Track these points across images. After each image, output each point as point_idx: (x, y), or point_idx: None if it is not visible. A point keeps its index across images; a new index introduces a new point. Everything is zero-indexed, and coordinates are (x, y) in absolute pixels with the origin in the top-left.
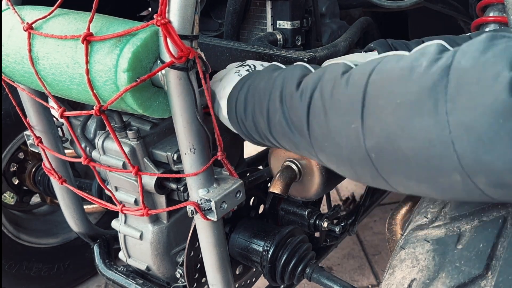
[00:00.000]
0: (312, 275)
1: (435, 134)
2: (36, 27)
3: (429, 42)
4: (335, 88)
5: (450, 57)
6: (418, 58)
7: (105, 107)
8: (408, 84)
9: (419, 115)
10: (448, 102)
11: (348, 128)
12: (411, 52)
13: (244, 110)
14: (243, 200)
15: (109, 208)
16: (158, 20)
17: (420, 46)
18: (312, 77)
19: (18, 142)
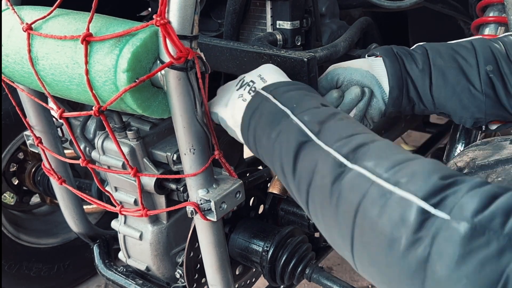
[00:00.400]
0: (312, 276)
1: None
2: (36, 28)
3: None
4: (326, 208)
5: (427, 247)
6: (398, 227)
7: (104, 107)
8: (388, 259)
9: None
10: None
11: (342, 250)
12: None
13: (257, 152)
14: (243, 200)
15: (108, 209)
16: (158, 20)
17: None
18: (306, 165)
19: (18, 142)
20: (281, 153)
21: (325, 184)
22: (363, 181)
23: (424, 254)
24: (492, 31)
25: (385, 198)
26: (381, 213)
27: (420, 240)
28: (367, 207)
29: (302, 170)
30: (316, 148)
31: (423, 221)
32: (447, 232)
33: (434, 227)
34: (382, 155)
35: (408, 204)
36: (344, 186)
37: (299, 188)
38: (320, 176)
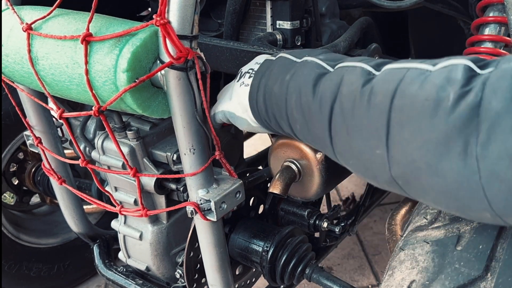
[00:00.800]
0: (312, 276)
1: (465, 177)
2: (36, 28)
3: (455, 61)
4: (356, 108)
5: (479, 92)
6: (444, 87)
7: (104, 107)
8: (434, 120)
9: (447, 156)
10: (479, 147)
11: (373, 153)
12: (434, 68)
13: (266, 112)
14: (243, 200)
15: (108, 209)
16: (158, 20)
17: (446, 63)
18: (329, 84)
19: (18, 142)
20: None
21: (354, 89)
22: (398, 71)
23: (476, 100)
24: (492, 31)
25: (426, 74)
26: (423, 83)
27: (469, 91)
28: (406, 87)
29: (325, 90)
30: (339, 69)
31: (471, 77)
32: (499, 72)
33: (483, 76)
34: (411, 60)
35: (453, 67)
36: (377, 82)
37: (320, 109)
38: (348, 85)
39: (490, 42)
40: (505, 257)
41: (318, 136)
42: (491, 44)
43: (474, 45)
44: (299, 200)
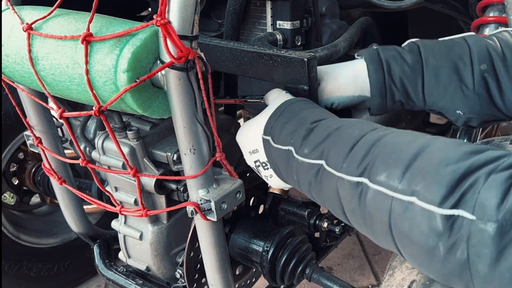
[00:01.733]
0: (312, 276)
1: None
2: (36, 28)
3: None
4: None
5: (464, 250)
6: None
7: (104, 107)
8: (433, 265)
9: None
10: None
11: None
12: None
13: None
14: (243, 200)
15: (108, 209)
16: (158, 20)
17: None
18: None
19: (18, 142)
20: (307, 190)
21: (354, 207)
22: (383, 199)
23: (463, 257)
24: (492, 31)
25: (409, 210)
26: (411, 226)
27: (455, 245)
28: (397, 223)
29: (330, 198)
30: (329, 176)
31: (451, 225)
32: (478, 235)
33: (464, 229)
34: (389, 161)
35: (431, 215)
36: (370, 206)
37: (337, 214)
38: (347, 202)
39: None
40: None
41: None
42: None
43: None
44: (299, 200)
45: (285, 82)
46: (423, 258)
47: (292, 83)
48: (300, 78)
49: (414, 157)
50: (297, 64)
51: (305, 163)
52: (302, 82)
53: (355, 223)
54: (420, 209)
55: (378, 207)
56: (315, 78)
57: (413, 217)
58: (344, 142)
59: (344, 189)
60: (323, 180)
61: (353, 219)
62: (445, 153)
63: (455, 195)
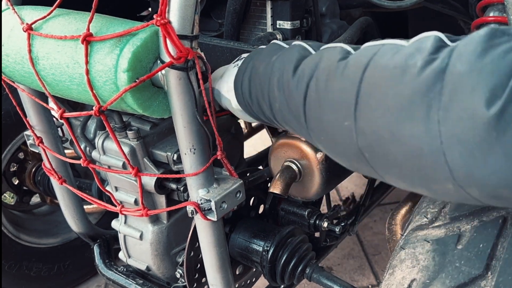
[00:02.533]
0: (312, 275)
1: (426, 143)
2: (36, 28)
3: (427, 34)
4: (330, 80)
5: (445, 58)
6: (413, 55)
7: (104, 107)
8: (400, 86)
9: (410, 121)
10: (441, 110)
11: (342, 125)
12: (409, 42)
13: (249, 94)
14: (243, 200)
15: (109, 209)
16: (158, 20)
17: (419, 36)
18: (309, 63)
19: (18, 142)
20: (281, 66)
21: (331, 63)
22: (373, 47)
23: (442, 65)
24: None
25: (398, 48)
26: (395, 54)
27: (437, 58)
28: (378, 59)
29: (304, 68)
30: (321, 51)
31: (441, 47)
32: (465, 40)
33: (452, 46)
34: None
35: (425, 38)
36: (352, 57)
37: (297, 86)
38: (325, 61)
39: None
40: (506, 255)
41: (294, 115)
42: None
43: None
44: (299, 200)
45: None
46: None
47: None
48: None
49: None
50: None
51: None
52: None
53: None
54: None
55: (363, 53)
56: None
57: (400, 49)
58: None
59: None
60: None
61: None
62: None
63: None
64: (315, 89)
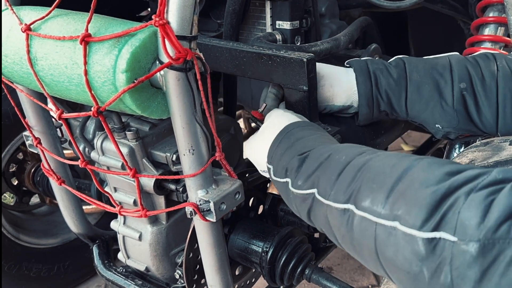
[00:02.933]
0: (311, 276)
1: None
2: (35, 28)
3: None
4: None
5: (448, 273)
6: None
7: (103, 108)
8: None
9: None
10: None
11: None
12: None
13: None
14: (242, 201)
15: (107, 210)
16: (157, 20)
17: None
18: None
19: (17, 143)
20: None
21: (343, 234)
22: (368, 225)
23: (447, 281)
24: (492, 31)
25: (392, 236)
26: (396, 252)
27: (439, 269)
28: (383, 249)
29: (324, 227)
30: (320, 204)
31: (434, 248)
32: (460, 257)
33: (446, 252)
34: (373, 186)
35: (413, 239)
36: (357, 233)
37: (334, 241)
38: (337, 229)
39: (489, 42)
40: None
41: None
42: (491, 44)
43: (474, 45)
44: None
45: (284, 83)
46: (410, 283)
47: (292, 83)
48: (299, 78)
49: (396, 180)
50: (296, 64)
51: (299, 195)
52: (301, 82)
53: (348, 250)
54: (402, 234)
55: (364, 233)
56: (314, 79)
57: (397, 242)
58: (332, 170)
59: (333, 216)
60: (315, 210)
61: (345, 246)
62: (425, 175)
63: (436, 217)
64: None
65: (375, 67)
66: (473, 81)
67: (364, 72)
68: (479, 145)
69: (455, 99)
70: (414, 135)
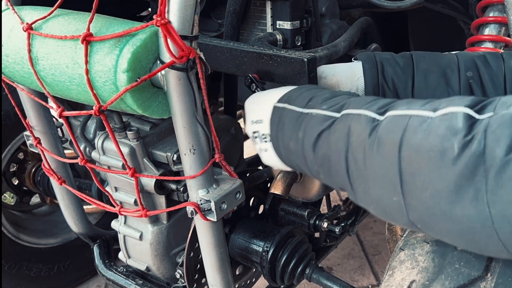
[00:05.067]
0: (312, 276)
1: (479, 223)
2: (36, 28)
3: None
4: (367, 158)
5: (481, 140)
6: (448, 137)
7: (104, 107)
8: (442, 170)
9: (460, 203)
10: (489, 193)
11: (390, 199)
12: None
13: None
14: (243, 200)
15: (108, 210)
16: (158, 20)
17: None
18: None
19: (18, 143)
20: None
21: (362, 139)
22: (400, 119)
23: (480, 148)
24: (492, 31)
25: (427, 122)
26: (427, 134)
27: (472, 139)
28: (410, 137)
29: (336, 141)
30: (345, 116)
31: (472, 125)
32: (499, 119)
33: (483, 123)
34: (413, 102)
35: (453, 115)
36: (382, 131)
37: (338, 161)
38: (356, 136)
39: (490, 42)
40: None
41: (340, 184)
42: (491, 44)
43: (474, 45)
44: (299, 201)
45: (285, 82)
46: (431, 167)
47: (292, 83)
48: (300, 78)
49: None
50: (297, 64)
51: (320, 115)
52: (302, 82)
53: (354, 165)
54: (440, 116)
55: (391, 128)
56: (315, 78)
57: (431, 125)
58: (365, 99)
59: (359, 122)
60: (336, 125)
61: (356, 157)
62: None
63: (479, 105)
64: (355, 165)
65: (382, 57)
66: (479, 70)
67: (370, 60)
68: None
69: (462, 87)
70: None
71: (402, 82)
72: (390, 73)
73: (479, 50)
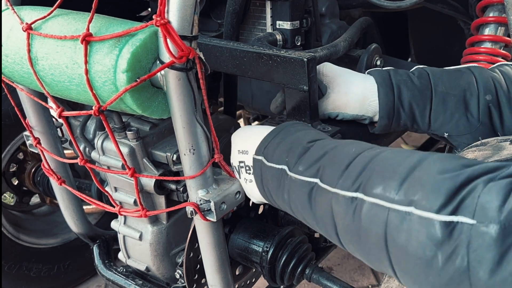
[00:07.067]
0: (312, 276)
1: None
2: (35, 28)
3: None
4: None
5: (464, 256)
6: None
7: (104, 107)
8: (430, 279)
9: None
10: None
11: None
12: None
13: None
14: (243, 200)
15: (107, 210)
16: (157, 20)
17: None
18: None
19: (18, 143)
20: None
21: (348, 224)
22: (379, 211)
23: (463, 264)
24: (492, 31)
25: (406, 221)
26: (408, 237)
27: (455, 252)
28: (394, 235)
29: (323, 217)
30: (324, 192)
31: (451, 232)
32: (479, 238)
33: (464, 235)
34: (386, 175)
35: (429, 222)
36: (365, 220)
37: (329, 235)
38: (340, 219)
39: (490, 42)
40: None
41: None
42: (491, 44)
43: (474, 45)
44: None
45: (284, 82)
46: (419, 272)
47: (292, 83)
48: (299, 78)
49: (411, 169)
50: (296, 64)
51: (298, 180)
52: (301, 82)
53: (348, 243)
54: (418, 218)
55: (373, 220)
56: (314, 79)
57: (411, 227)
58: (341, 160)
59: (339, 205)
60: (317, 198)
61: (346, 238)
62: (443, 164)
63: (454, 202)
64: (347, 245)
65: (398, 79)
66: (498, 93)
67: (386, 84)
68: (479, 145)
69: (481, 111)
70: (414, 135)
71: (420, 105)
72: (408, 97)
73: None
